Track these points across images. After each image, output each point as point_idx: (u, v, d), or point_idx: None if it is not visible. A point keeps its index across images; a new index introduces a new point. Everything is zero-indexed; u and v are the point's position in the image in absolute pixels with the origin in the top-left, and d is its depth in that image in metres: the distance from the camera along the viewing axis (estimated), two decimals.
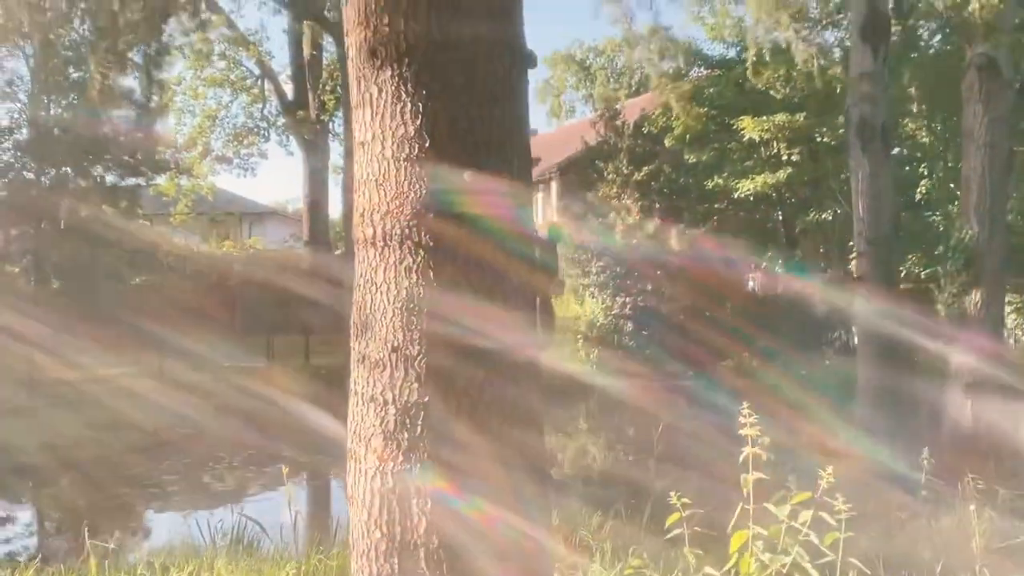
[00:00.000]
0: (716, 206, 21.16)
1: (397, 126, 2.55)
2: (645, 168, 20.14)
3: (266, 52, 28.73)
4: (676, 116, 18.87)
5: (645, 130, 20.96)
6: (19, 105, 20.63)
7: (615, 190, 20.16)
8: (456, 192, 2.53)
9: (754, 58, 14.85)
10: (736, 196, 19.92)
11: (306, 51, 24.28)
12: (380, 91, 2.58)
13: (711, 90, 20.93)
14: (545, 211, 27.80)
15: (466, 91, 2.57)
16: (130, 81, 18.39)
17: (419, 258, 2.53)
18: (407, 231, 2.53)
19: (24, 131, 20.40)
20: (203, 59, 25.72)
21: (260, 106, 28.07)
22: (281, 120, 27.36)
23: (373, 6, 2.58)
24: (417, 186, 2.53)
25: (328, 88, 24.82)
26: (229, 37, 24.77)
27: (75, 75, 20.10)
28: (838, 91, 16.20)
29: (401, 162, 2.55)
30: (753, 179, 19.44)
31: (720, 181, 20.00)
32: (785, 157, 19.54)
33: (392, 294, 2.56)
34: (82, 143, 19.39)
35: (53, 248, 19.29)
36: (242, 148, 28.46)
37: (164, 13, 15.56)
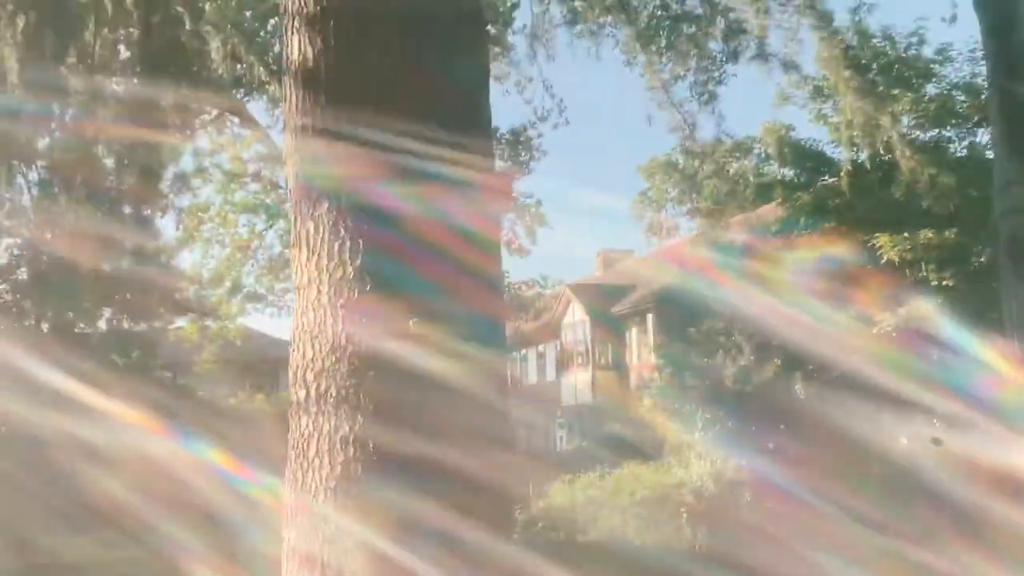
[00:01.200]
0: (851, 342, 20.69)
1: (335, 267, 2.60)
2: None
3: None
4: (799, 232, 18.79)
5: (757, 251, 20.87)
6: (19, 240, 21.63)
7: (722, 323, 19.95)
8: (402, 344, 2.54)
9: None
10: (875, 332, 19.45)
11: None
12: (316, 227, 2.64)
13: (837, 201, 20.84)
14: (640, 349, 27.66)
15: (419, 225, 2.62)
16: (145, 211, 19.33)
17: (357, 426, 2.52)
18: (344, 392, 2.54)
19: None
20: (233, 182, 26.86)
21: None
22: None
23: (311, 129, 2.69)
24: (357, 338, 2.55)
25: None
26: (264, 155, 25.93)
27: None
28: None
29: (339, 309, 2.58)
30: (895, 314, 19.03)
31: (852, 313, 19.60)
32: (935, 283, 19.12)
33: (324, 472, 2.54)
34: (92, 283, 20.15)
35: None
36: (277, 283, 29.27)
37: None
